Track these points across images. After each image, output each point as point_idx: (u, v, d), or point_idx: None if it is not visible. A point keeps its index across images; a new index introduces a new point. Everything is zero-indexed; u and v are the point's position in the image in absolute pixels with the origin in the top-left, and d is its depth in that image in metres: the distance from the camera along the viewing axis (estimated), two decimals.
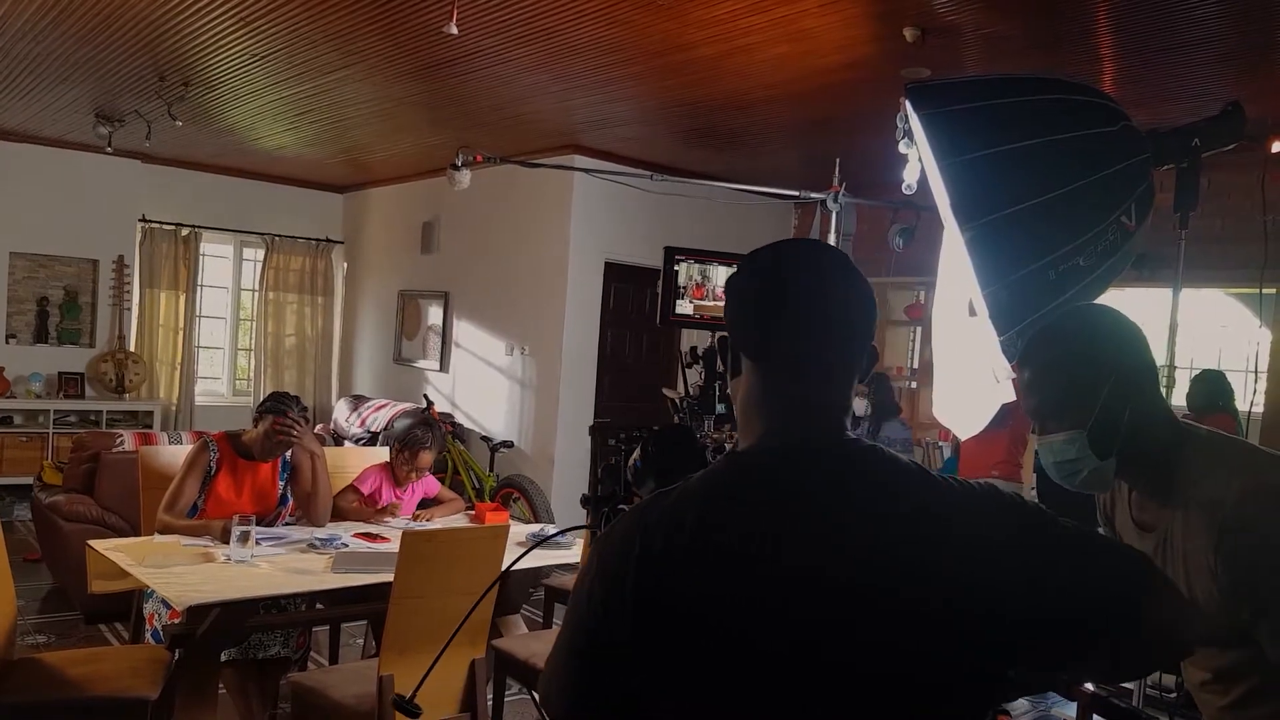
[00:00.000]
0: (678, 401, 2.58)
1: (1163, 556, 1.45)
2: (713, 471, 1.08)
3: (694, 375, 2.50)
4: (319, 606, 3.57)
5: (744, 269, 1.13)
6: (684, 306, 2.90)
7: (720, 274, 2.90)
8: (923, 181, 2.57)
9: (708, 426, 2.29)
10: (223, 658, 3.09)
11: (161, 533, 3.35)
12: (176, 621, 3.04)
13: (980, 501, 1.03)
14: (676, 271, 2.95)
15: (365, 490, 4.03)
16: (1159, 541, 1.47)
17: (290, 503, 3.67)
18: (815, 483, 1.03)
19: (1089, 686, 1.55)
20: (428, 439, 4.04)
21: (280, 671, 3.36)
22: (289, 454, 3.61)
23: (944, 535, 0.99)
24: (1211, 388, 5.31)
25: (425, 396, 7.27)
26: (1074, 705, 3.67)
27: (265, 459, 3.54)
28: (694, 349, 2.51)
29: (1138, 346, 1.50)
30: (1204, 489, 1.39)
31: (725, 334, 1.13)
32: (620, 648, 1.02)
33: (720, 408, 2.30)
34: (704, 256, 2.99)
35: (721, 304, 2.60)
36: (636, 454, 1.47)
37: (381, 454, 4.42)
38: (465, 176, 4.56)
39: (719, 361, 2.28)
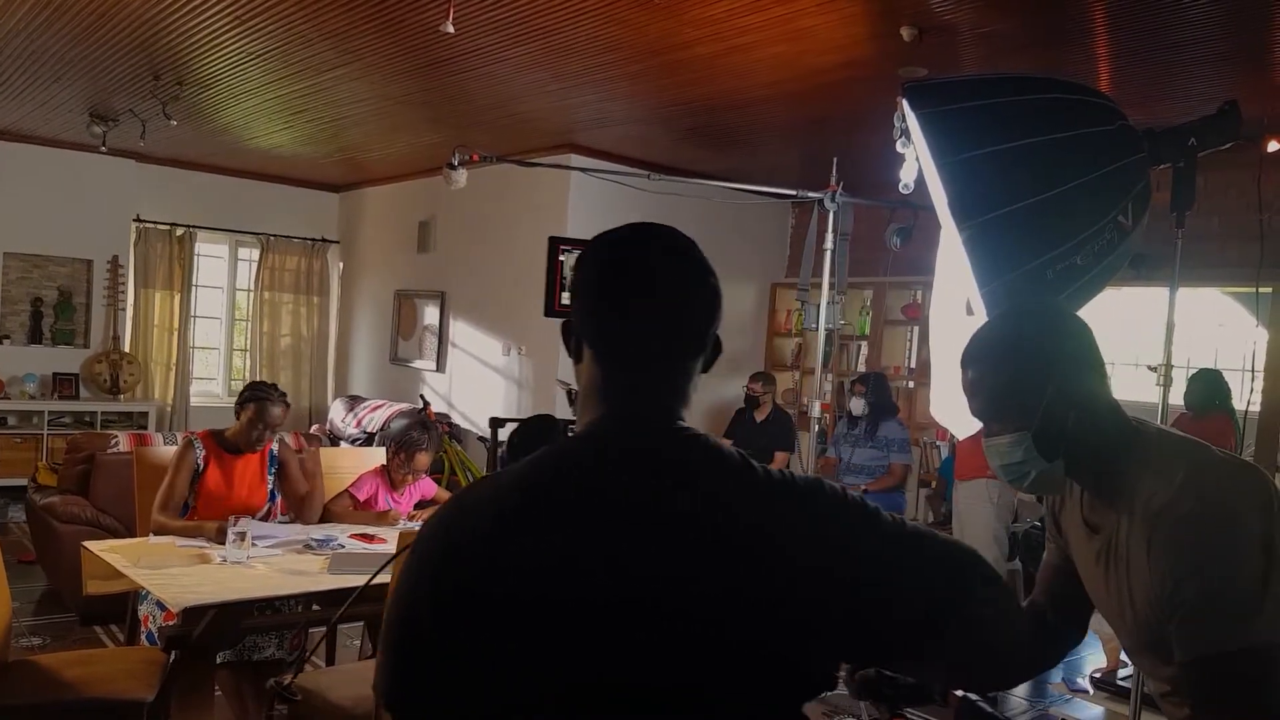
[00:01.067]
0: (569, 393, 2.59)
1: (1108, 559, 1.42)
2: (535, 459, 1.07)
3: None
4: (315, 608, 3.56)
5: (585, 252, 1.13)
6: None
7: None
8: (920, 181, 2.57)
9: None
10: (218, 659, 3.08)
11: (156, 534, 3.34)
12: (172, 623, 3.03)
13: (801, 498, 1.01)
14: (562, 262, 2.96)
15: (361, 496, 4.01)
16: (1105, 543, 1.43)
17: (279, 499, 3.67)
18: (626, 476, 1.02)
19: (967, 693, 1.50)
20: (424, 441, 4.02)
21: (275, 674, 3.35)
22: (276, 449, 3.62)
23: (753, 530, 0.98)
24: (1209, 387, 5.31)
25: (421, 397, 7.27)
26: (1073, 704, 3.67)
27: (251, 449, 3.55)
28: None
29: (1083, 344, 1.45)
30: (1146, 488, 1.35)
31: (567, 318, 1.13)
32: (425, 636, 1.01)
33: None
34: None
35: None
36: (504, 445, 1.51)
37: (377, 454, 4.41)
38: (461, 176, 4.55)
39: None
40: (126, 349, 7.99)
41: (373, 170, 8.14)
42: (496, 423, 5.14)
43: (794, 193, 4.51)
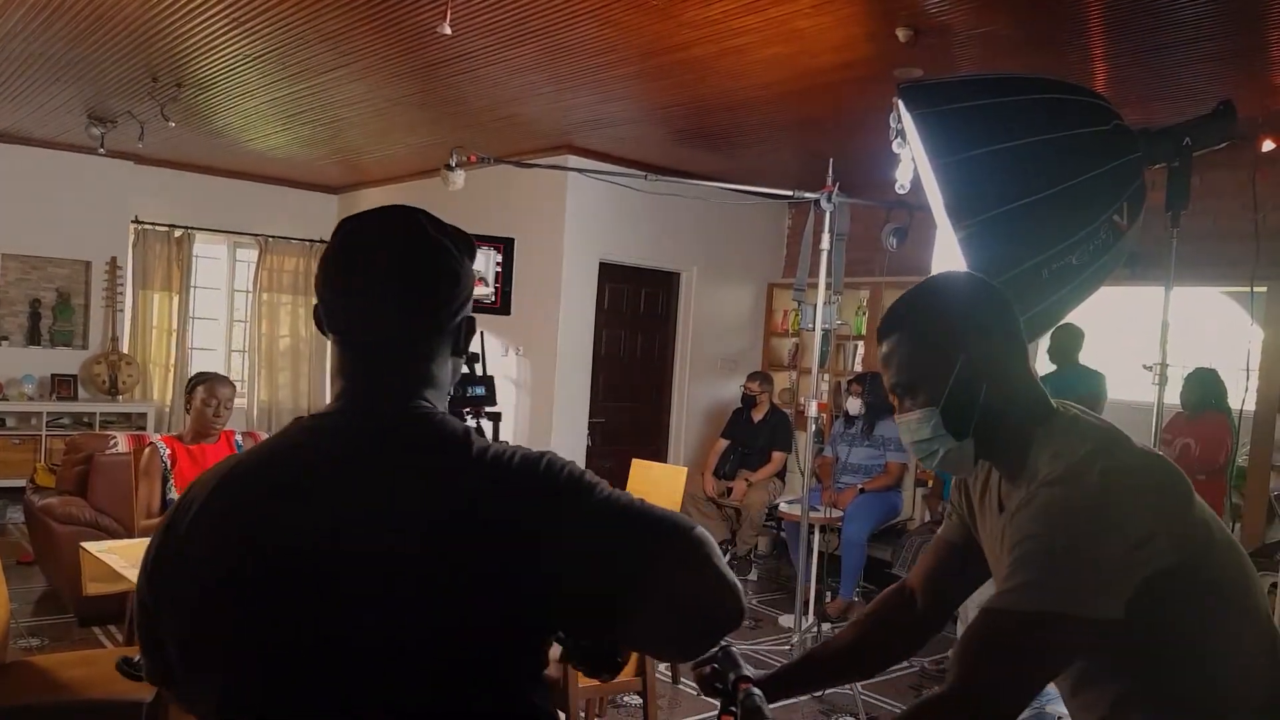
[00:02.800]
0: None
1: (1004, 540, 1.35)
2: (267, 440, 1.14)
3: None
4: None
5: (330, 238, 1.16)
6: None
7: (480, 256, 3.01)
8: (916, 181, 2.58)
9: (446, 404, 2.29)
10: None
11: (145, 536, 3.37)
12: None
13: (513, 471, 1.04)
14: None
15: None
16: (1005, 524, 1.36)
17: None
18: (343, 450, 1.07)
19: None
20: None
21: None
22: (240, 440, 3.73)
23: (459, 501, 1.02)
24: (1204, 387, 5.33)
25: None
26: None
27: (211, 430, 3.65)
28: None
29: (999, 318, 1.38)
30: (1045, 468, 1.28)
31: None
32: (148, 606, 1.10)
33: (480, 389, 2.29)
34: None
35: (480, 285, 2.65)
36: None
37: None
38: (459, 177, 4.56)
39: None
40: (125, 350, 7.99)
41: (370, 172, 8.14)
42: None
43: (790, 193, 4.52)
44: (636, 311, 7.32)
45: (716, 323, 7.55)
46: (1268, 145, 4.18)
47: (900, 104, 2.21)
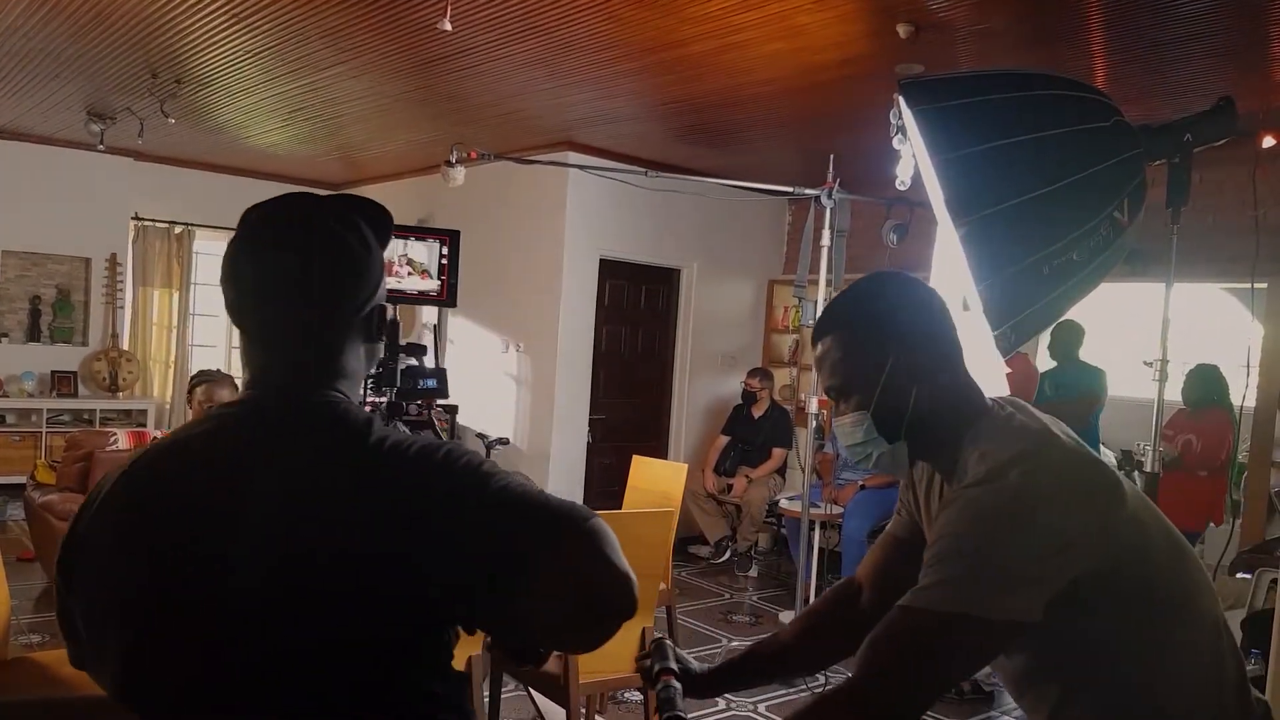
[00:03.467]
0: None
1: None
2: (179, 428, 1.17)
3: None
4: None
5: (236, 227, 1.17)
6: None
7: (405, 246, 3.03)
8: (916, 177, 2.58)
9: (390, 397, 2.31)
10: None
11: None
12: None
13: (410, 461, 1.05)
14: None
15: None
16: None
17: None
18: (242, 444, 1.09)
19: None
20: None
21: None
22: None
23: (347, 488, 1.03)
24: (1206, 383, 5.33)
25: None
26: None
27: None
28: None
29: (929, 318, 1.37)
30: (974, 467, 1.27)
31: None
32: (60, 589, 1.14)
33: (432, 382, 2.30)
34: None
35: (398, 277, 2.70)
36: None
37: None
38: (459, 173, 4.56)
39: (396, 334, 2.37)
40: (125, 347, 7.99)
41: (370, 168, 8.14)
42: None
43: (791, 189, 4.52)
44: (637, 308, 7.32)
45: (717, 319, 7.54)
46: (1268, 141, 4.18)
47: (901, 100, 2.21)
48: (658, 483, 4.87)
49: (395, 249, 2.96)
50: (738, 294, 7.69)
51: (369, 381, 2.33)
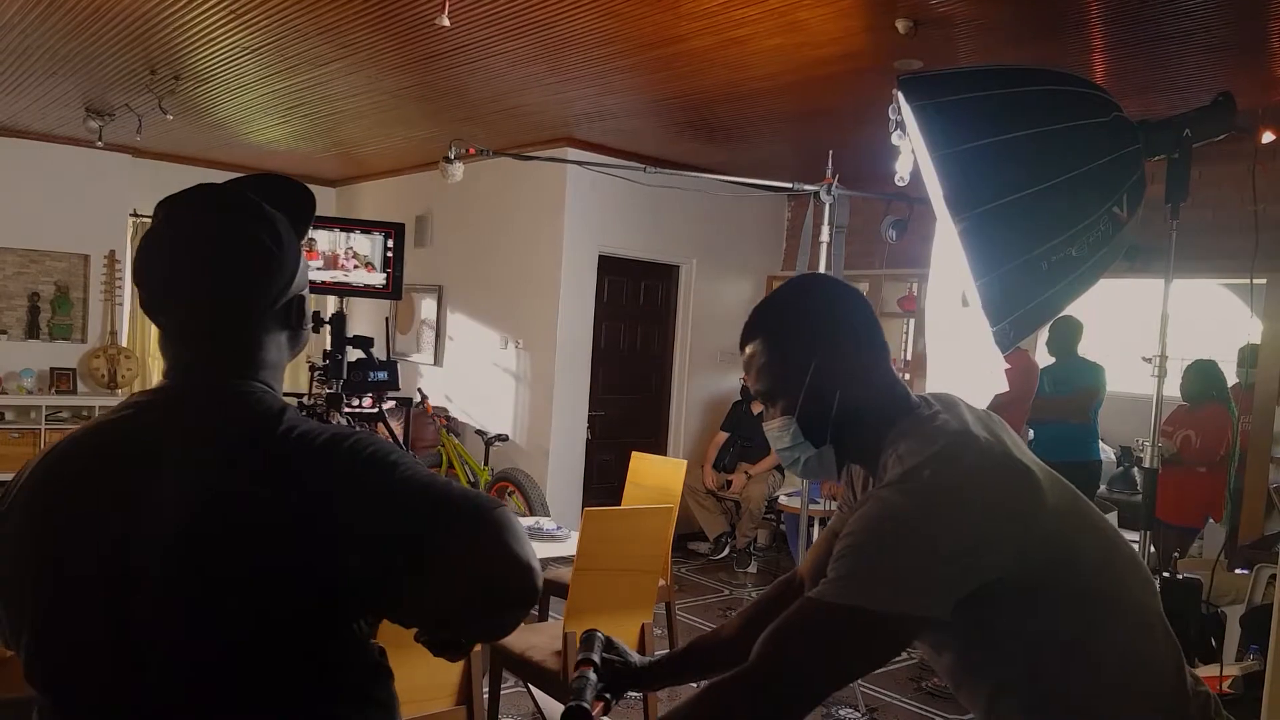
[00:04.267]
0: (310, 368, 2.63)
1: None
2: (96, 416, 1.21)
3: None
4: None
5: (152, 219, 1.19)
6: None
7: (349, 239, 3.05)
8: (916, 173, 2.58)
9: (337, 388, 2.31)
10: None
11: None
12: None
13: (316, 449, 1.06)
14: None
15: None
16: None
17: None
18: (153, 433, 1.10)
19: None
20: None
21: None
22: None
23: (262, 483, 1.04)
24: (1204, 378, 5.34)
25: (419, 390, 7.27)
26: None
27: None
28: (317, 314, 2.52)
29: (852, 320, 1.38)
30: (888, 470, 1.27)
31: None
32: None
33: (382, 374, 2.31)
34: (324, 222, 3.13)
35: (343, 269, 2.73)
36: None
37: None
38: (458, 170, 4.55)
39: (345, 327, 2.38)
40: (124, 344, 7.98)
41: (369, 164, 8.13)
42: None
43: (790, 185, 4.51)
44: (636, 304, 7.32)
45: (716, 315, 7.54)
46: (1268, 137, 4.18)
47: (900, 96, 2.21)
48: (657, 479, 4.88)
49: (339, 242, 3.01)
50: (737, 290, 7.69)
51: (316, 374, 2.36)
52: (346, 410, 1.80)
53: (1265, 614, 2.99)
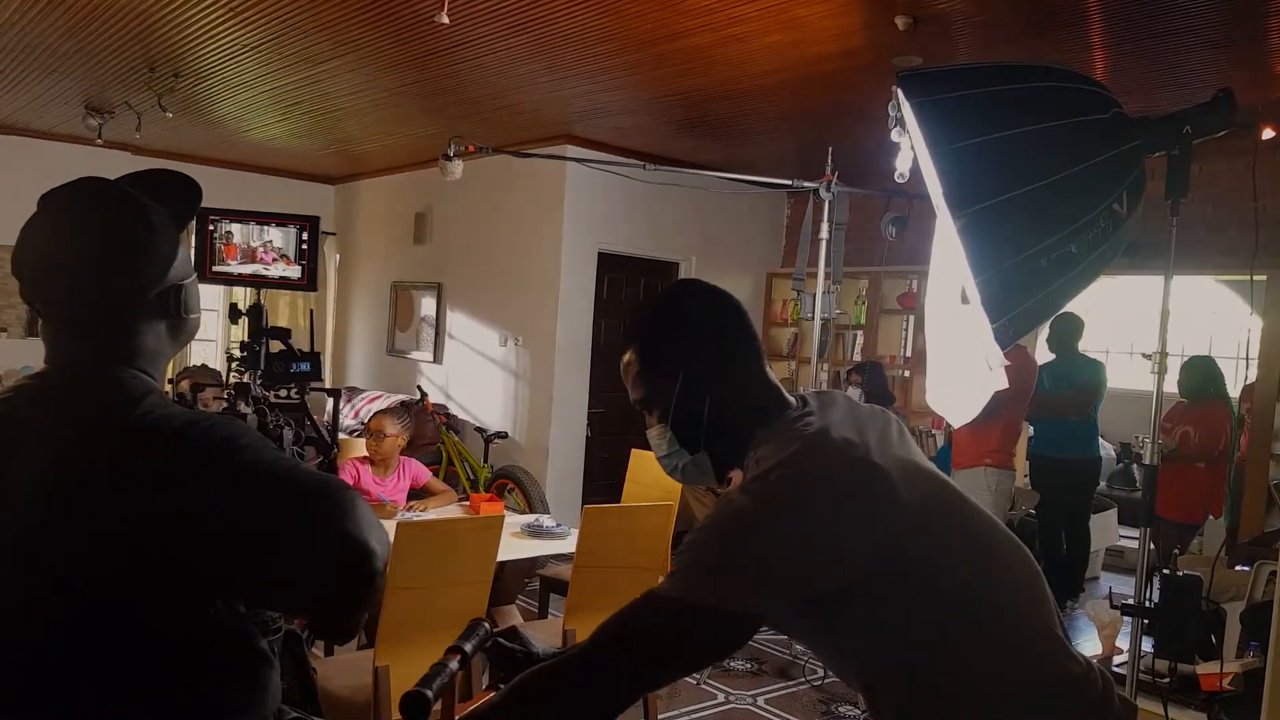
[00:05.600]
0: (228, 358, 2.66)
1: None
2: None
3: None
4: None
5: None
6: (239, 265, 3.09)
7: (264, 232, 3.11)
8: (915, 170, 2.58)
9: (255, 380, 2.33)
10: None
11: None
12: None
13: (170, 433, 1.10)
14: (213, 231, 3.16)
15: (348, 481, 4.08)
16: None
17: None
18: (25, 418, 1.13)
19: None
20: (386, 409, 4.16)
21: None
22: None
23: (120, 467, 1.07)
24: (1202, 374, 5.33)
25: (419, 388, 7.27)
26: None
27: None
28: (234, 305, 2.57)
29: (721, 327, 1.38)
30: (749, 473, 1.28)
31: None
32: None
33: (305, 365, 2.35)
34: (239, 216, 3.18)
35: (259, 262, 2.80)
36: None
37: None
38: (457, 167, 4.55)
39: (262, 318, 2.41)
40: None
41: (368, 162, 8.12)
42: None
43: (789, 182, 4.52)
44: (636, 301, 7.31)
45: None
46: (1267, 134, 4.17)
47: (899, 92, 2.21)
48: (657, 476, 4.86)
49: (254, 235, 3.05)
50: (736, 287, 7.64)
51: (235, 365, 2.39)
52: (275, 400, 1.85)
53: (1265, 611, 2.99)
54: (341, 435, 7.18)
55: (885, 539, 1.20)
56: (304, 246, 3.06)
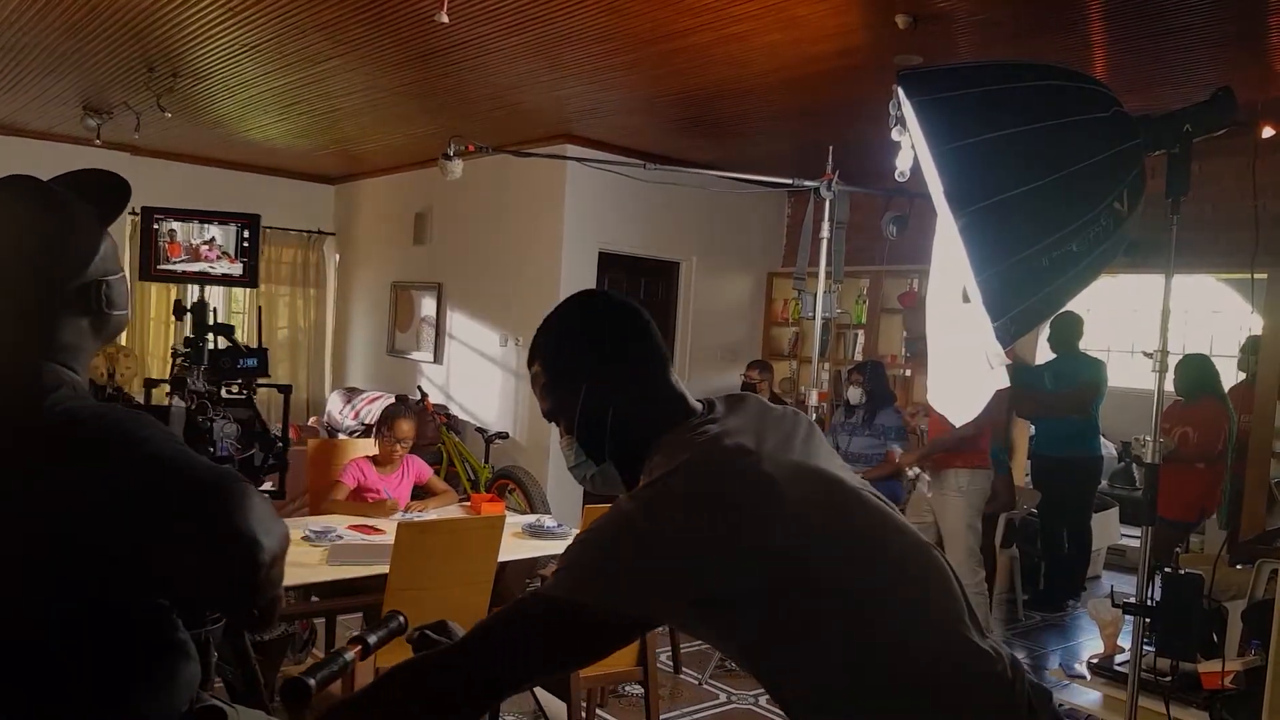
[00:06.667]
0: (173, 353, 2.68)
1: None
2: None
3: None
4: (314, 599, 3.57)
5: None
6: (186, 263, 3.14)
7: (204, 230, 3.16)
8: (916, 169, 2.57)
9: (197, 376, 2.34)
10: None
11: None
12: None
13: (72, 425, 1.13)
14: (157, 229, 3.22)
15: (350, 484, 4.06)
16: None
17: None
18: None
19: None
20: (401, 409, 4.15)
21: (279, 652, 3.37)
22: None
23: (23, 461, 1.11)
24: (1198, 372, 5.32)
25: (419, 388, 7.27)
26: (1070, 689, 3.69)
27: None
28: (179, 302, 2.59)
29: (621, 337, 1.40)
30: (646, 478, 1.30)
31: None
32: None
33: (252, 361, 2.38)
34: (183, 215, 3.24)
35: (204, 260, 2.83)
36: None
37: (371, 447, 4.43)
38: (457, 166, 4.54)
39: (208, 315, 2.43)
40: (123, 342, 7.97)
41: (368, 162, 8.12)
42: None
43: (790, 181, 4.51)
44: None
45: (716, 312, 7.54)
46: (1268, 132, 4.18)
47: (900, 91, 2.20)
48: None
49: (195, 233, 3.10)
50: (737, 287, 7.68)
51: (179, 360, 2.41)
52: (227, 396, 1.88)
53: (1267, 609, 2.99)
54: (340, 435, 7.19)
55: (765, 545, 1.20)
56: (245, 244, 3.10)
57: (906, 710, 1.23)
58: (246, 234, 3.04)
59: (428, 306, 7.95)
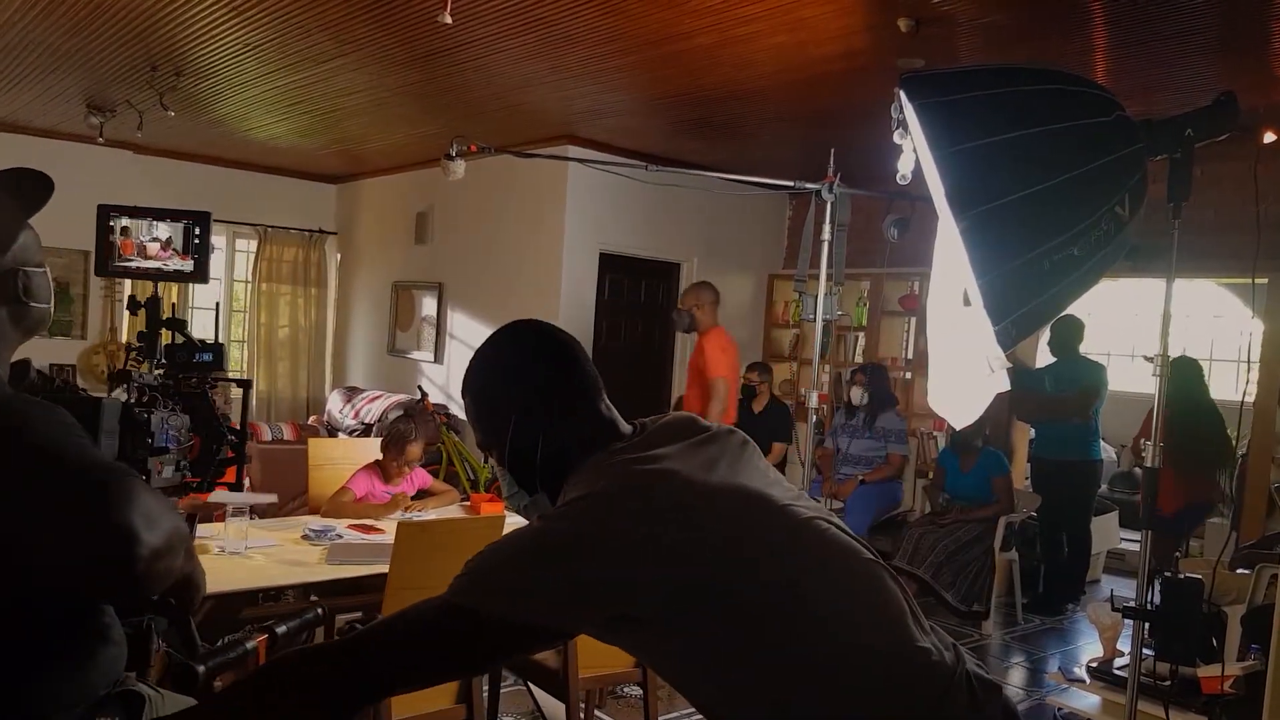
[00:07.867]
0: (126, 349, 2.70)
1: None
2: None
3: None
4: (313, 599, 3.56)
5: None
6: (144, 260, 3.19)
7: (153, 228, 3.20)
8: (918, 172, 2.57)
9: (150, 369, 2.36)
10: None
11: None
12: None
13: None
14: (112, 227, 3.27)
15: (359, 493, 4.05)
16: None
17: None
18: None
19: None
20: (411, 431, 4.09)
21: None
22: None
23: None
24: (1182, 375, 5.30)
25: (419, 388, 7.27)
26: (1069, 693, 3.69)
27: None
28: (133, 298, 2.62)
29: (545, 371, 1.41)
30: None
31: None
32: None
33: (208, 355, 2.41)
34: (136, 212, 3.28)
35: (156, 258, 2.87)
36: None
37: (372, 446, 4.43)
38: (459, 167, 4.54)
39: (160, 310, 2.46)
40: (124, 340, 7.98)
41: (370, 161, 8.12)
42: None
43: (792, 184, 4.50)
44: (637, 302, 7.31)
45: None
46: (1269, 137, 4.17)
47: (902, 94, 2.20)
48: None
49: (144, 230, 3.14)
50: (738, 288, 7.68)
51: (133, 354, 2.43)
52: (185, 390, 1.90)
53: (1266, 614, 2.98)
54: (341, 435, 7.19)
55: (675, 567, 1.20)
56: (195, 240, 3.13)
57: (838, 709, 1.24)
58: (197, 230, 3.08)
59: (428, 306, 7.95)
